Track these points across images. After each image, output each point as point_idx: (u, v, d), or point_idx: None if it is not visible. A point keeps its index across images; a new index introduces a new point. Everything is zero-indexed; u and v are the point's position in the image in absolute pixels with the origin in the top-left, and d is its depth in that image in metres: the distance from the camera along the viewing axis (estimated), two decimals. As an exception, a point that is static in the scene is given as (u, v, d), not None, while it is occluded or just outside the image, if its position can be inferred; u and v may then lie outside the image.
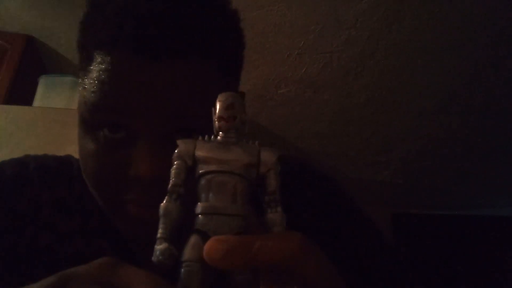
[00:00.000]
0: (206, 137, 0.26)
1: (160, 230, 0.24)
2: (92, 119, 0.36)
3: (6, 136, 1.09)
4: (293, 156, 0.52)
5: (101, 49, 0.35)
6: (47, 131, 1.11)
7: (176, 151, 0.26)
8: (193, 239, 0.23)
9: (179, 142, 0.26)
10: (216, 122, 0.25)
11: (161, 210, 0.24)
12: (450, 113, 1.72)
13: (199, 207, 0.24)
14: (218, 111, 0.25)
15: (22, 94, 1.36)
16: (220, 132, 0.25)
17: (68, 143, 1.10)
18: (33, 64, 1.52)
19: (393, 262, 0.45)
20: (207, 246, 0.22)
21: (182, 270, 0.23)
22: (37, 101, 1.30)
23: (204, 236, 0.23)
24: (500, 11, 1.26)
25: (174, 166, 0.25)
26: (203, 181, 0.25)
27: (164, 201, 0.24)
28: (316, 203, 0.47)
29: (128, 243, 0.42)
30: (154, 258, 0.23)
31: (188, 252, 0.23)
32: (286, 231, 0.24)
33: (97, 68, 0.35)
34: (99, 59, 0.35)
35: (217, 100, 0.25)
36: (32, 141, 1.09)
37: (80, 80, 0.39)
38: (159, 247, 0.23)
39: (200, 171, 0.25)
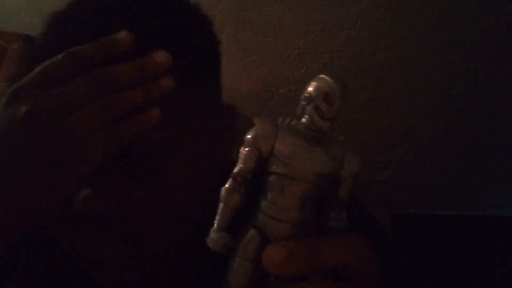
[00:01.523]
0: (288, 120, 0.23)
1: (218, 217, 0.22)
2: None
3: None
4: None
5: None
6: (47, 131, 1.11)
7: (252, 133, 0.23)
8: (251, 236, 0.22)
9: (257, 122, 0.23)
10: (315, 114, 0.22)
11: (222, 196, 0.22)
12: (450, 113, 1.72)
13: (263, 206, 0.22)
14: (330, 109, 0.21)
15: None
16: (306, 121, 0.22)
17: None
18: (33, 64, 1.51)
19: (395, 260, 0.45)
20: (266, 252, 0.21)
21: (234, 266, 0.22)
22: (37, 101, 1.30)
23: (263, 236, 0.22)
24: (500, 11, 1.26)
25: (245, 151, 0.22)
26: (273, 179, 0.22)
27: (227, 186, 0.22)
28: None
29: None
30: (209, 244, 0.22)
31: (243, 249, 0.22)
32: (349, 233, 0.23)
33: None
34: None
35: (330, 89, 0.21)
36: (32, 141, 1.09)
37: None
38: (215, 235, 0.22)
39: (274, 169, 0.22)
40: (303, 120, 0.22)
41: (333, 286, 0.22)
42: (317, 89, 0.22)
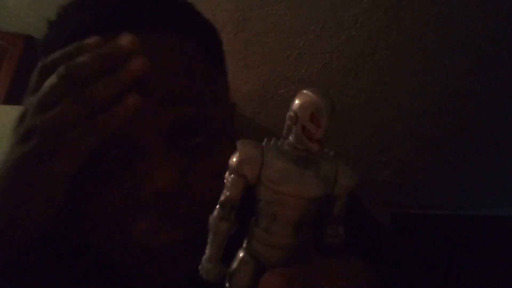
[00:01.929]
0: (273, 141, 0.21)
1: (209, 246, 0.21)
2: None
3: (6, 136, 1.09)
4: None
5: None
6: (47, 131, 1.11)
7: (236, 158, 0.21)
8: (245, 263, 0.21)
9: (240, 146, 0.21)
10: (303, 135, 0.20)
11: (210, 226, 0.21)
12: (450, 113, 1.72)
13: (256, 233, 0.21)
14: (319, 130, 0.19)
15: (22, 94, 1.36)
16: (293, 141, 0.20)
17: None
18: (33, 64, 1.51)
19: (395, 259, 0.45)
20: (262, 282, 0.20)
21: None
22: (37, 101, 1.30)
23: (257, 263, 0.21)
24: (500, 11, 1.26)
25: (230, 179, 0.21)
26: (264, 206, 0.21)
27: (215, 214, 0.21)
28: None
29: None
30: (202, 274, 0.21)
31: (237, 278, 0.21)
32: (345, 256, 0.22)
33: None
34: None
35: (318, 107, 0.19)
36: (32, 141, 1.09)
37: None
38: (208, 265, 0.21)
39: (263, 196, 0.21)
40: (290, 140, 0.21)
41: None
42: (302, 109, 0.19)
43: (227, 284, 0.21)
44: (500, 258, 2.27)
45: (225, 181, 0.21)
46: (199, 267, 0.22)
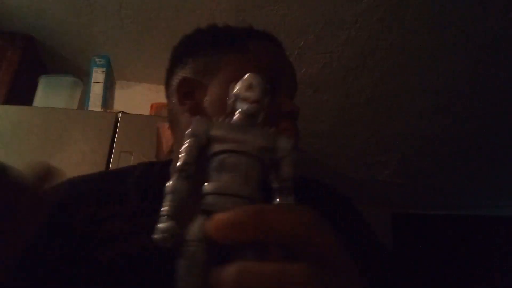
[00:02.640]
0: (221, 118, 0.25)
1: (165, 208, 0.23)
2: None
3: (6, 136, 1.09)
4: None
5: (253, 40, 0.54)
6: (47, 131, 1.11)
7: (190, 128, 0.24)
8: (199, 219, 0.22)
9: (193, 119, 0.25)
10: (244, 102, 0.24)
11: (168, 188, 0.23)
12: (450, 113, 1.72)
13: (208, 186, 0.22)
14: (254, 93, 0.24)
15: (22, 94, 1.36)
16: (238, 114, 0.25)
17: (68, 143, 1.10)
18: (33, 64, 1.51)
19: (391, 265, 0.45)
20: (210, 221, 0.20)
21: (186, 250, 0.21)
22: (37, 101, 1.30)
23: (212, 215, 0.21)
24: (500, 11, 1.26)
25: (186, 143, 0.24)
26: (215, 161, 0.23)
27: (172, 179, 0.23)
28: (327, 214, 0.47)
29: None
30: (155, 236, 0.22)
31: (192, 232, 0.21)
32: (298, 205, 0.22)
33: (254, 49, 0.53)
34: (250, 47, 0.53)
35: (251, 80, 0.25)
36: (32, 141, 1.09)
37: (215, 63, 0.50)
38: (162, 224, 0.22)
39: (214, 150, 0.24)
40: (235, 115, 0.25)
41: (289, 266, 0.19)
42: (239, 84, 0.25)
43: (184, 244, 0.21)
44: (500, 258, 2.27)
45: (180, 150, 0.24)
46: (154, 235, 0.22)
